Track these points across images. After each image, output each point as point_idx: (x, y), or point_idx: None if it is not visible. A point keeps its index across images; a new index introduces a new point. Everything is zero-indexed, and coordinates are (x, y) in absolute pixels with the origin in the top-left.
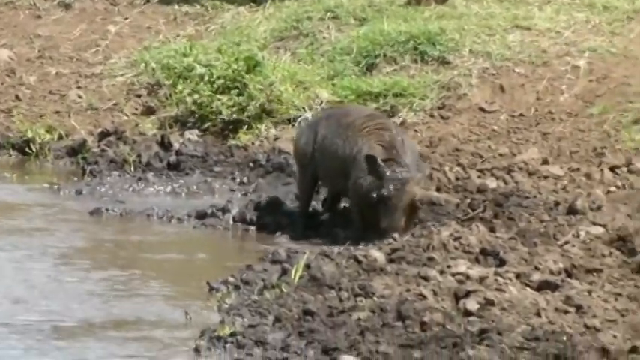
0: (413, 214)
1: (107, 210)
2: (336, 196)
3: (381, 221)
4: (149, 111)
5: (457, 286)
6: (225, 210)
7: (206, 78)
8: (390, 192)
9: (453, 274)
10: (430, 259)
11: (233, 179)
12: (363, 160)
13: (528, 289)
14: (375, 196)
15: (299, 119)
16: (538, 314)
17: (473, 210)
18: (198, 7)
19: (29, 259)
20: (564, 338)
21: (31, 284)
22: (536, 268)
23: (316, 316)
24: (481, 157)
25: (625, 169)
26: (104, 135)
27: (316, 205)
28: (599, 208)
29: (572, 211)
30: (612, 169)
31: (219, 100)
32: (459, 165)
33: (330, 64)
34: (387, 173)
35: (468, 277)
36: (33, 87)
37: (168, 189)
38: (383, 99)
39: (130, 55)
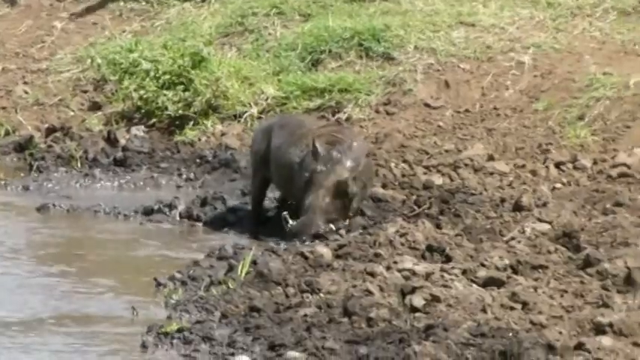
0: (345, 203)
1: (54, 206)
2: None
3: (305, 198)
4: (95, 107)
5: (403, 283)
6: (171, 206)
7: (152, 74)
8: (318, 168)
9: (399, 271)
10: (376, 255)
11: (180, 175)
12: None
13: (474, 285)
14: (306, 174)
15: (244, 115)
16: (484, 310)
17: (419, 206)
18: (144, 3)
19: None
20: (510, 335)
21: None
22: (482, 265)
23: (263, 312)
24: (427, 153)
25: (570, 166)
26: (51, 131)
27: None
28: (544, 204)
29: (517, 207)
30: (558, 165)
31: (165, 95)
32: (404, 161)
33: (275, 59)
34: (322, 153)
35: (414, 273)
36: None
37: (115, 185)
38: (328, 95)
39: (76, 51)
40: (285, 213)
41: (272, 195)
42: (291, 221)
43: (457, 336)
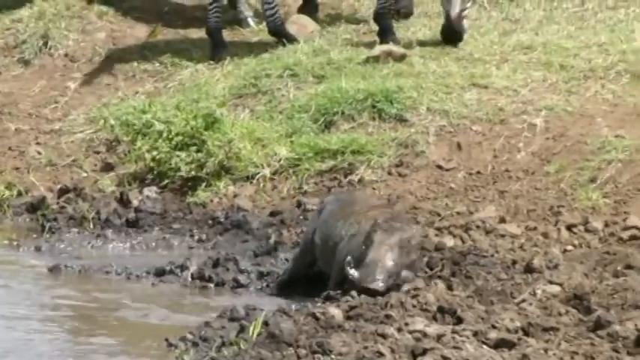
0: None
1: (66, 266)
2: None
3: (365, 256)
4: (108, 167)
5: (414, 344)
6: (183, 267)
7: (165, 135)
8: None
9: (411, 332)
10: (388, 316)
11: (192, 236)
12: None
13: (485, 347)
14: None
15: (257, 176)
16: None
17: (431, 268)
18: (157, 64)
19: None
20: None
21: None
22: (493, 327)
23: None
24: (438, 214)
25: (582, 228)
26: (63, 192)
27: None
28: (555, 266)
29: (529, 269)
30: (569, 227)
31: (177, 156)
32: (416, 223)
33: (288, 121)
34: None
35: (425, 334)
36: None
37: (127, 246)
38: (341, 156)
39: (89, 112)
40: (349, 258)
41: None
42: (354, 270)
43: None
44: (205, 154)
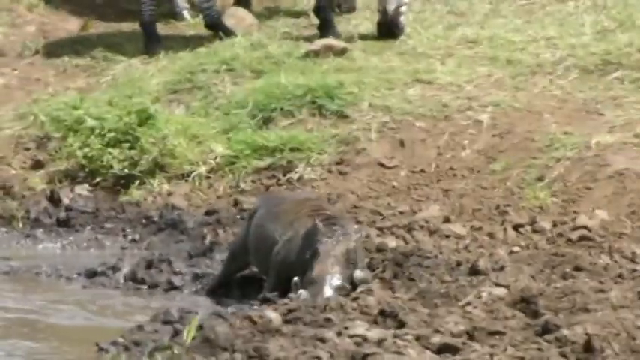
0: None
1: None
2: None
3: (309, 271)
4: (38, 165)
5: (355, 349)
6: (115, 268)
7: (97, 131)
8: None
9: (351, 336)
10: (327, 320)
11: (125, 236)
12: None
13: (428, 352)
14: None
15: (192, 174)
16: None
17: (372, 270)
18: (89, 58)
19: None
20: None
21: None
22: (437, 331)
23: None
24: (380, 214)
25: (529, 228)
26: None
27: None
28: (502, 268)
29: (474, 271)
30: (516, 227)
31: (110, 154)
32: (357, 223)
33: (225, 117)
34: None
35: (366, 339)
36: None
37: (58, 246)
38: (279, 154)
39: (19, 108)
40: (296, 279)
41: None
42: (302, 291)
43: None
44: (139, 151)
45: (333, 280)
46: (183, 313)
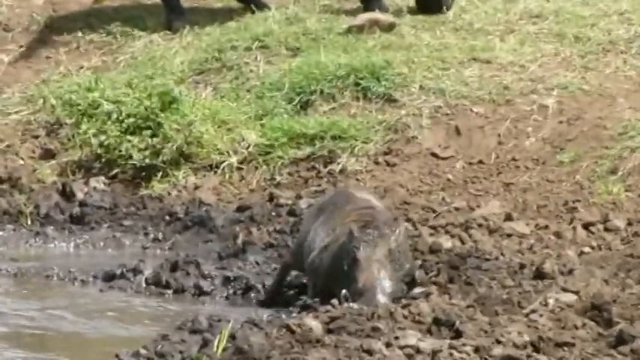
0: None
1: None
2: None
3: (354, 281)
4: (48, 154)
5: None
6: (136, 270)
7: (114, 116)
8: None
9: (401, 347)
10: (375, 329)
11: (146, 235)
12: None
13: None
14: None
15: (222, 165)
16: None
17: (425, 274)
18: (105, 34)
19: None
20: None
21: None
22: (498, 342)
23: None
24: (434, 211)
25: (601, 227)
26: None
27: None
28: (570, 271)
29: (539, 275)
30: (586, 226)
31: (129, 142)
32: (407, 220)
33: (257, 101)
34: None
35: (418, 350)
36: None
37: (71, 245)
38: (319, 142)
39: (26, 90)
40: (344, 292)
41: None
42: (353, 304)
43: None
44: (161, 139)
45: (383, 286)
46: (213, 321)
